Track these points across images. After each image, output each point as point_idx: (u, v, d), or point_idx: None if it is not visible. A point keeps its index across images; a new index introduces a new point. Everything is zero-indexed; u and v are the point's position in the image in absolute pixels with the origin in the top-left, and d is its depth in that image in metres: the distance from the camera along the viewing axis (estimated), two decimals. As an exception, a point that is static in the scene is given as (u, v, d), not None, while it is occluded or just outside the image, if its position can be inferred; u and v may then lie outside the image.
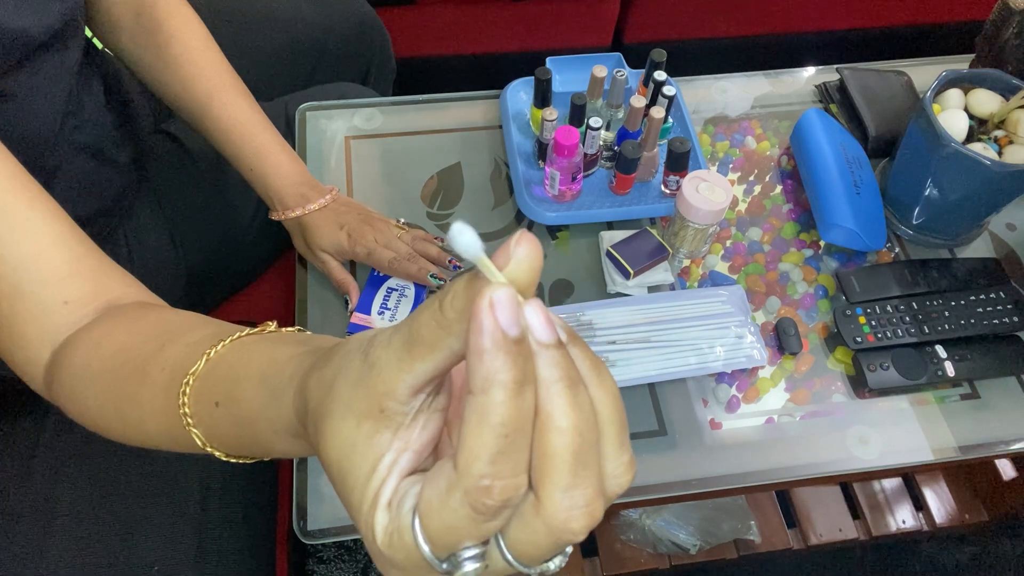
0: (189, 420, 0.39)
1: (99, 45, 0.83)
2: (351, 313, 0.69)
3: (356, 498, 0.24)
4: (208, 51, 0.73)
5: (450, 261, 0.73)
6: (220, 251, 0.82)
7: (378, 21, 1.00)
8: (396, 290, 0.71)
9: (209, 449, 0.41)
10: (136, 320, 0.45)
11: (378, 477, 0.24)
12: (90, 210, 0.71)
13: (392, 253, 0.70)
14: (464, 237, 0.21)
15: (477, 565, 0.23)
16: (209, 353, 0.38)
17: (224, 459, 0.43)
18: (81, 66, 0.66)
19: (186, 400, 0.39)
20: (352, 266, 0.75)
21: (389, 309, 0.70)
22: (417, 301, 0.70)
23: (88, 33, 0.70)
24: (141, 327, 0.44)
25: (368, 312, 0.69)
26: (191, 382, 0.39)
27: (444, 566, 0.23)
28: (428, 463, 0.25)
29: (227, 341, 0.38)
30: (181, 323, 0.44)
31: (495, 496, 0.22)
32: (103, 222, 0.74)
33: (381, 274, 0.72)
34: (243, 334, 0.39)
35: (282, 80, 0.92)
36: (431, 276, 0.70)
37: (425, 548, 0.23)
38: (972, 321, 0.70)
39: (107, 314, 0.45)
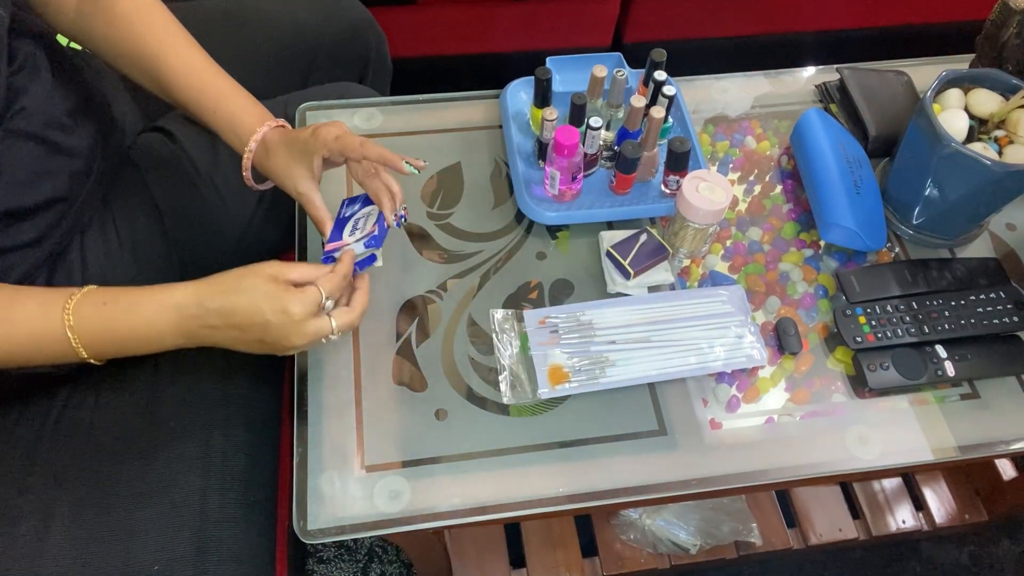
0: (70, 317, 0.58)
1: (63, 41, 0.83)
2: (324, 245, 0.68)
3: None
4: (153, 6, 0.72)
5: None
6: (215, 249, 0.82)
7: (373, 22, 1.00)
8: (360, 218, 0.70)
9: (76, 344, 0.59)
10: None
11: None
12: (39, 198, 0.70)
13: (356, 138, 0.67)
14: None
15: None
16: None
17: (87, 357, 0.60)
18: (14, 56, 0.67)
19: (69, 305, 0.58)
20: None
21: (360, 230, 0.68)
22: (380, 221, 0.68)
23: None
24: None
25: (340, 239, 0.67)
26: (76, 296, 0.59)
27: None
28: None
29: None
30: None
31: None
32: (61, 208, 0.72)
33: (344, 215, 0.70)
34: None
35: (277, 82, 0.92)
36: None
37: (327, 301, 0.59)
38: (972, 321, 0.70)
39: None
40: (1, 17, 0.65)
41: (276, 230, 0.85)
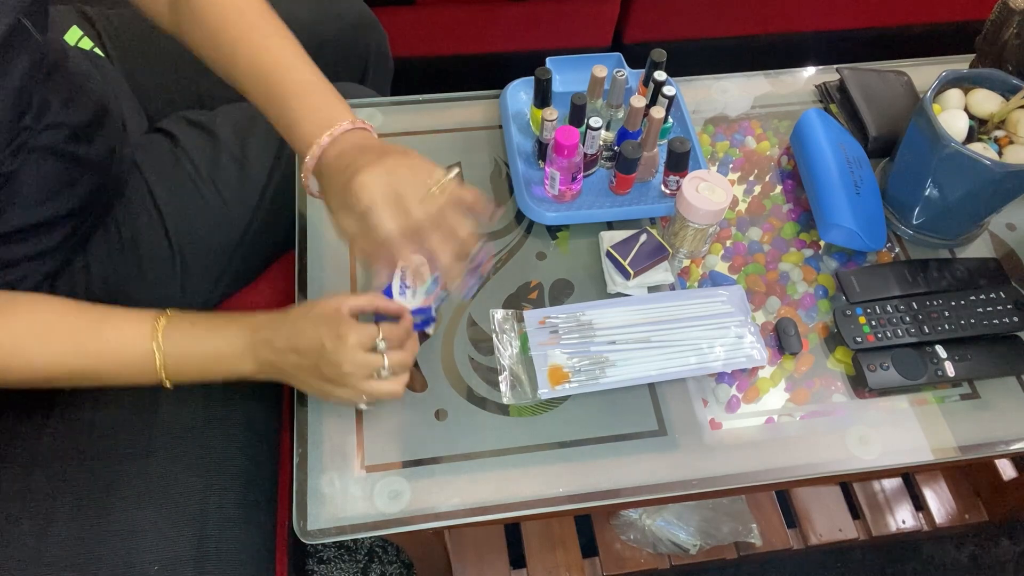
0: (159, 337, 0.60)
1: (71, 41, 0.82)
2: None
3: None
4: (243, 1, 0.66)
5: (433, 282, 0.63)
6: (217, 251, 0.82)
7: (375, 20, 1.00)
8: (405, 269, 0.64)
9: (159, 366, 0.60)
10: (53, 298, 0.62)
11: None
12: (61, 210, 0.70)
13: (400, 214, 0.54)
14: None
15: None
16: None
17: (163, 379, 0.61)
18: (36, 68, 0.63)
19: (159, 324, 0.60)
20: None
21: (408, 287, 0.64)
22: (435, 286, 0.65)
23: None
24: (67, 303, 0.62)
25: (390, 295, 0.63)
26: (168, 312, 0.61)
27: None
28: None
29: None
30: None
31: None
32: (76, 220, 0.73)
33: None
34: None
35: None
36: (433, 281, 0.62)
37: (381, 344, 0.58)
38: (972, 321, 0.70)
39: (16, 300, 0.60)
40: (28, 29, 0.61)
41: (278, 231, 0.85)
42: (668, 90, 0.75)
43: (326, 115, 0.60)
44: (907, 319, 0.70)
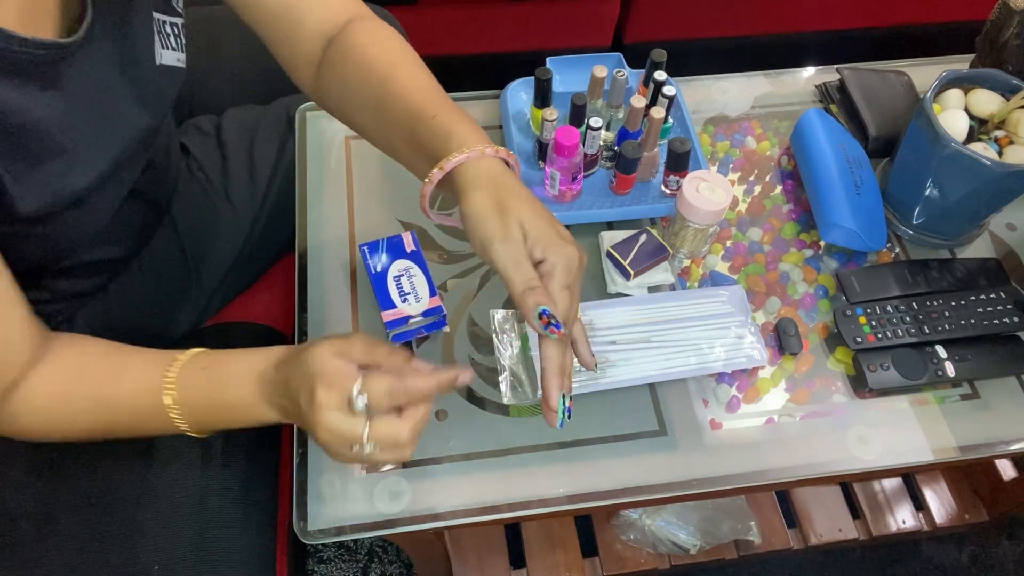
0: (168, 385, 0.54)
1: None
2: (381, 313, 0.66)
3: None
4: (385, 33, 0.63)
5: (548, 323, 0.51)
6: (225, 257, 0.83)
7: (389, 17, 1.00)
8: (401, 275, 0.67)
9: (173, 415, 0.54)
10: (85, 340, 0.58)
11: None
12: (131, 251, 0.74)
13: (575, 309, 0.52)
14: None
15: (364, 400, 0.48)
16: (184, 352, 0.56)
17: (184, 431, 0.56)
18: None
19: (171, 369, 0.54)
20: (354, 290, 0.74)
21: (409, 293, 0.65)
22: (425, 273, 0.66)
23: None
24: (96, 344, 0.57)
25: (393, 305, 0.65)
26: (180, 359, 0.55)
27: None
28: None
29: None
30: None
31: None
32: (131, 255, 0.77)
33: (377, 270, 0.68)
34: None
35: (281, 82, 0.92)
36: (562, 399, 0.52)
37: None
38: (972, 321, 0.70)
39: (49, 348, 0.55)
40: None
41: (281, 232, 0.85)
42: (668, 90, 0.75)
43: (475, 136, 0.56)
44: (907, 319, 0.70)
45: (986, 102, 0.72)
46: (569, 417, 0.53)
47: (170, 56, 0.64)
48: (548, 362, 0.52)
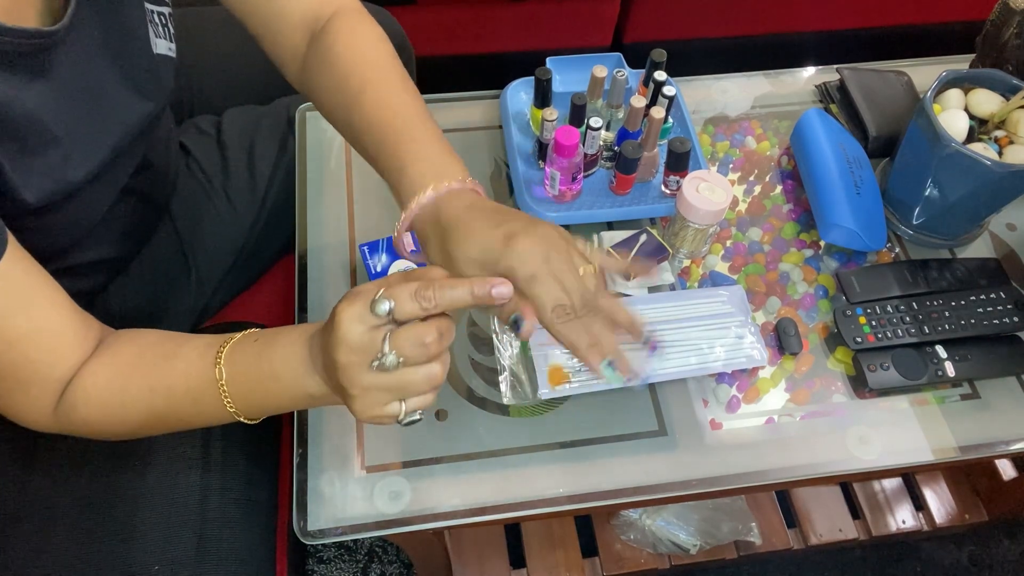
0: (220, 360, 0.52)
1: None
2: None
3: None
4: (373, 49, 0.63)
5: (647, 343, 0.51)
6: (225, 256, 0.83)
7: (391, 19, 1.00)
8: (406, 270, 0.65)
9: (223, 391, 0.52)
10: (141, 333, 0.56)
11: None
12: (133, 250, 0.74)
13: (561, 291, 0.50)
14: None
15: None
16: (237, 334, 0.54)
17: (232, 412, 0.54)
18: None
19: (224, 347, 0.52)
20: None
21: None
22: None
23: None
24: (151, 336, 0.56)
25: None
26: (233, 336, 0.53)
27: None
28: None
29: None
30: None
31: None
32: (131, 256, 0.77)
33: (378, 270, 0.67)
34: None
35: (281, 82, 0.92)
36: (607, 365, 0.51)
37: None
38: (972, 321, 0.70)
39: (104, 341, 0.55)
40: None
41: (281, 232, 0.85)
42: (668, 90, 0.75)
43: (440, 168, 0.57)
44: (907, 319, 0.70)
45: (986, 102, 0.72)
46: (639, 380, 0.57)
47: (163, 45, 0.64)
48: (570, 348, 0.51)
